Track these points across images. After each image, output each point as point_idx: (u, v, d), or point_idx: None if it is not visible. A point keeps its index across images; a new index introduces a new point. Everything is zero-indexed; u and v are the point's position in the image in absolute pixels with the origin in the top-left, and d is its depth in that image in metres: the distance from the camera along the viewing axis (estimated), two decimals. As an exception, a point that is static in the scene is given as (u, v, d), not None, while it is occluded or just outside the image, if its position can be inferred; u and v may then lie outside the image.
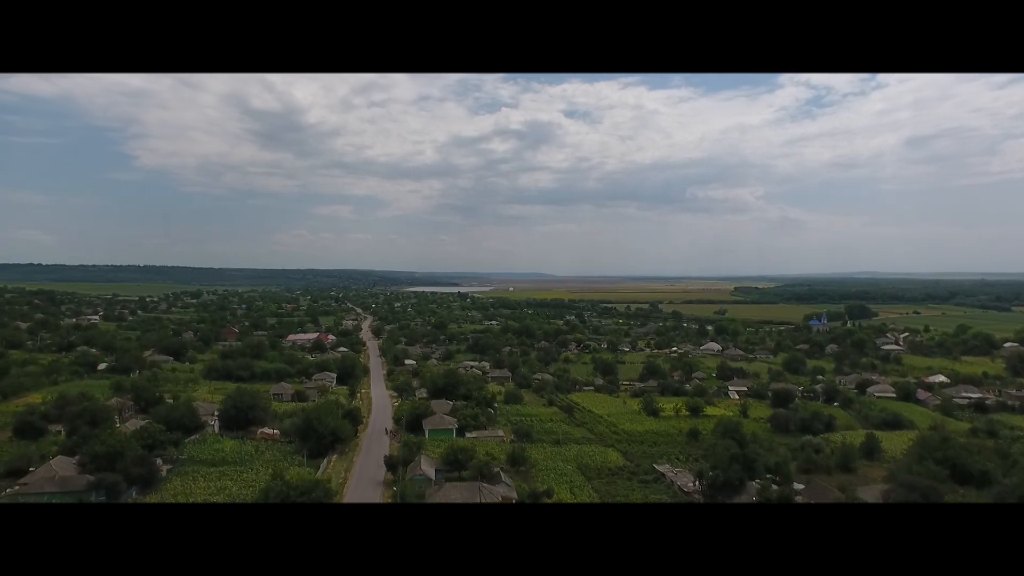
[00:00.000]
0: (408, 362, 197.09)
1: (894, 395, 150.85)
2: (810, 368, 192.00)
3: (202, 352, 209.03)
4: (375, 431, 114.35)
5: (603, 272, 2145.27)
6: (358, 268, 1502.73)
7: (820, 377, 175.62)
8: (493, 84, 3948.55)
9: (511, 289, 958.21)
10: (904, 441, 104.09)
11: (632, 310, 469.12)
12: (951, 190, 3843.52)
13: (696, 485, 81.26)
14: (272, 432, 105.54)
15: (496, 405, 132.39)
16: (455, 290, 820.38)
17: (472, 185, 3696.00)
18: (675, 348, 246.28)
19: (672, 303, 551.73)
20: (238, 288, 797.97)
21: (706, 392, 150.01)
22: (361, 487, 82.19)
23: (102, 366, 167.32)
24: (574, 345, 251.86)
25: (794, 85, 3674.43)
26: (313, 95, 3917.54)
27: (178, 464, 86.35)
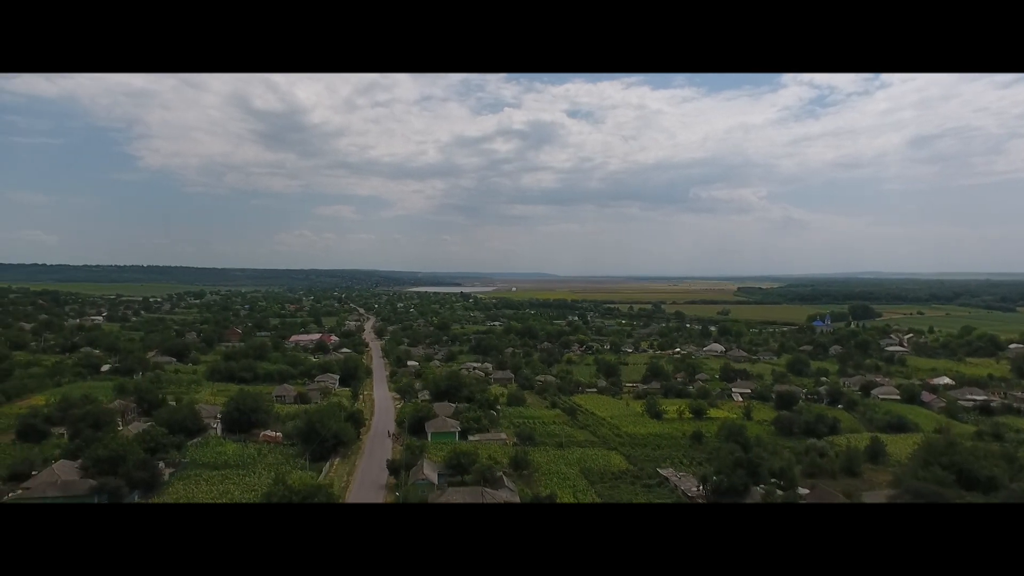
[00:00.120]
0: (411, 363, 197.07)
1: (898, 397, 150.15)
2: (814, 369, 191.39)
3: (205, 353, 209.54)
4: (378, 433, 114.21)
5: (606, 272, 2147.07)
6: (361, 268, 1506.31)
7: (824, 379, 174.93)
8: (496, 84, 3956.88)
9: (514, 289, 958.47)
10: (909, 444, 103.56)
11: (635, 310, 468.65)
12: (955, 190, 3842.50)
13: (700, 490, 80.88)
14: (275, 435, 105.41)
15: (499, 407, 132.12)
16: (458, 290, 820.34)
17: (475, 185, 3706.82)
18: (678, 349, 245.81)
19: (675, 303, 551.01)
20: (241, 288, 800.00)
21: (709, 394, 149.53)
22: (363, 491, 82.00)
23: (105, 367, 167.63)
24: (577, 346, 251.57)
25: (797, 84, 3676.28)
26: (316, 95, 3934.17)
27: (180, 467, 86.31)
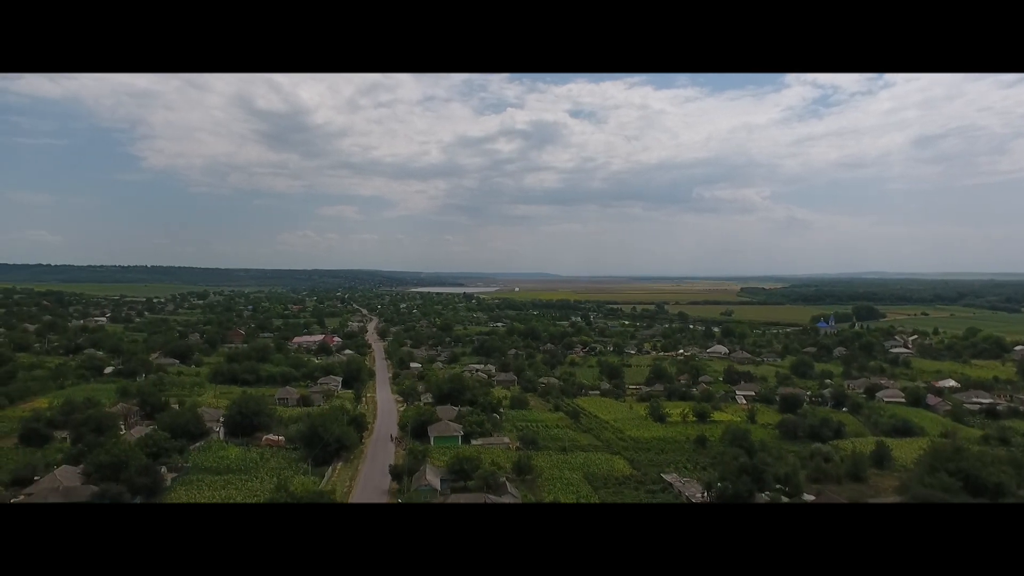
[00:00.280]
0: (414, 365, 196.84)
1: (903, 400, 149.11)
2: (818, 372, 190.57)
3: (208, 355, 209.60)
4: (380, 437, 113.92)
5: (608, 272, 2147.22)
6: (364, 268, 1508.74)
7: (828, 381, 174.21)
8: (499, 84, 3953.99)
9: (516, 289, 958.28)
10: (915, 449, 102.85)
11: (638, 311, 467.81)
12: (959, 189, 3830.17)
13: (704, 496, 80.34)
14: (277, 439, 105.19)
15: (502, 410, 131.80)
16: (460, 291, 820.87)
17: (477, 185, 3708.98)
18: (681, 351, 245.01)
19: (678, 304, 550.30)
20: (244, 289, 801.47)
21: (713, 397, 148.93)
22: (366, 497, 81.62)
23: (108, 369, 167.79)
24: (580, 348, 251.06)
25: (801, 84, 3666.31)
26: (319, 96, 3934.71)
27: (183, 472, 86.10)
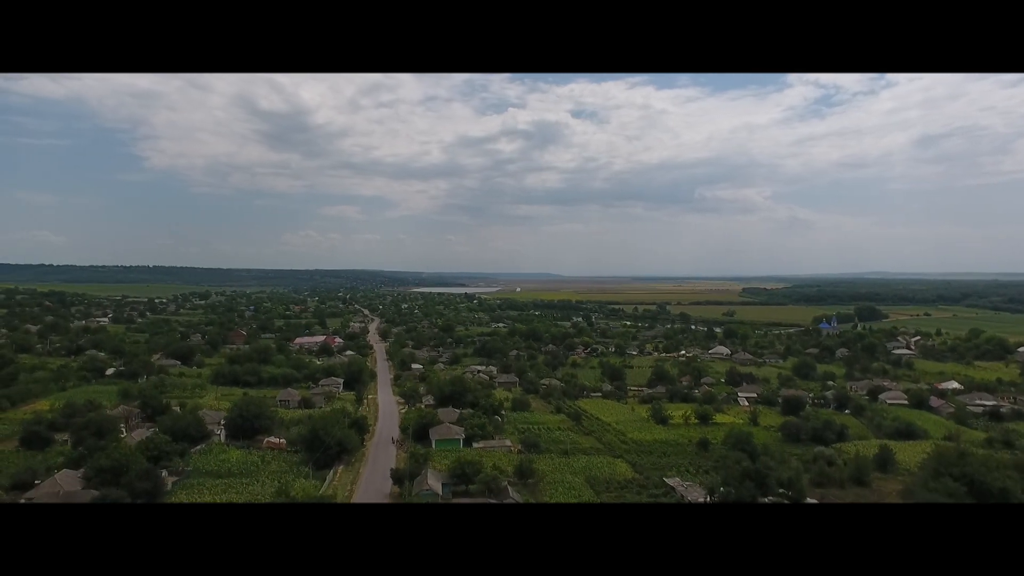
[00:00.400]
0: (415, 366, 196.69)
1: (906, 402, 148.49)
2: (820, 373, 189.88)
3: (210, 356, 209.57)
4: (382, 440, 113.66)
5: (610, 272, 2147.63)
6: (365, 268, 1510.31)
7: (831, 383, 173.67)
8: (500, 84, 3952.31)
9: (518, 290, 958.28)
10: (918, 452, 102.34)
11: (639, 311, 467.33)
12: (961, 189, 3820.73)
13: (707, 501, 79.92)
14: (278, 441, 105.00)
15: (503, 413, 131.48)
16: (462, 291, 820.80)
17: (479, 185, 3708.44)
18: (683, 352, 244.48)
19: (680, 304, 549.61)
20: (246, 289, 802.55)
21: (715, 399, 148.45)
22: (367, 502, 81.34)
23: (110, 371, 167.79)
24: (581, 349, 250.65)
25: (803, 84, 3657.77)
26: (321, 96, 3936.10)
27: (184, 476, 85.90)
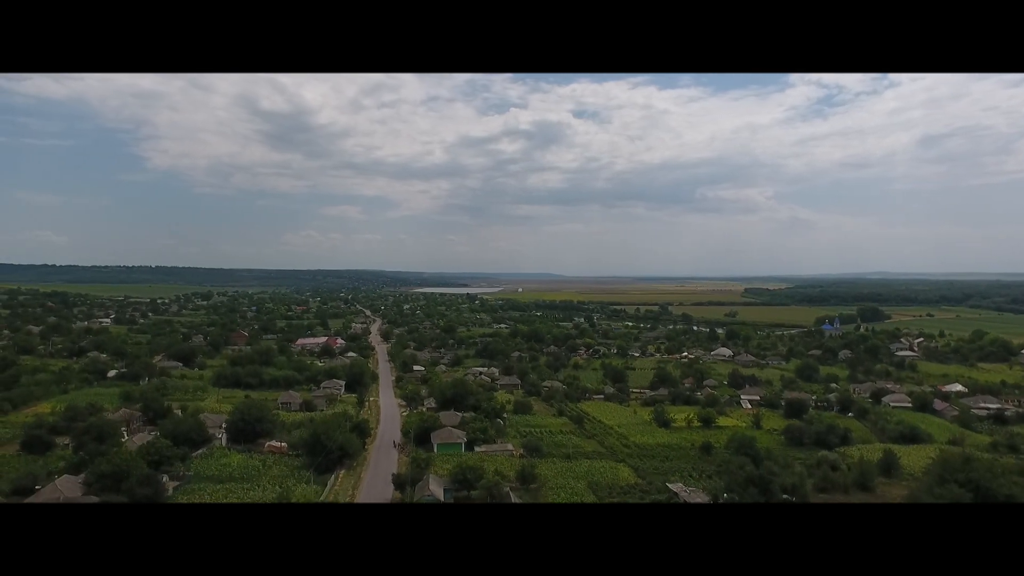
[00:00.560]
0: (417, 368, 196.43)
1: (910, 405, 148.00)
2: (823, 375, 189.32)
3: (212, 357, 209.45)
4: (383, 443, 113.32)
5: (612, 272, 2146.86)
6: (367, 268, 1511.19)
7: (834, 385, 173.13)
8: (502, 84, 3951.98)
9: (520, 290, 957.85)
10: (923, 456, 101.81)
11: (641, 312, 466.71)
12: (964, 189, 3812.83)
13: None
14: (280, 445, 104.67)
15: (505, 416, 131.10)
16: (464, 291, 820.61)
17: (481, 185, 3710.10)
18: (686, 353, 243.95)
19: (682, 304, 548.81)
20: (248, 289, 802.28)
21: (718, 401, 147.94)
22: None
23: (112, 373, 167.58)
24: (583, 350, 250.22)
25: (805, 84, 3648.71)
26: (323, 96, 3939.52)
27: (185, 481, 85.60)
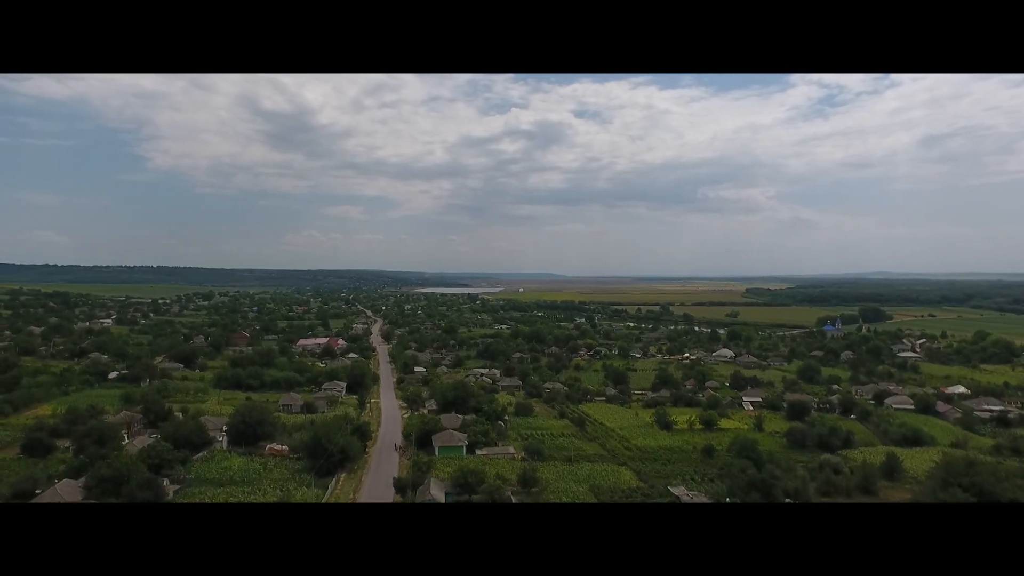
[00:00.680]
0: (418, 369, 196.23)
1: (912, 407, 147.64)
2: (825, 377, 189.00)
3: (213, 358, 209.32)
4: (384, 446, 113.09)
5: (613, 272, 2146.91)
6: (368, 268, 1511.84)
7: (836, 387, 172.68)
8: (503, 84, 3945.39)
9: (521, 290, 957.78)
10: (926, 459, 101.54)
11: (643, 312, 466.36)
12: (966, 189, 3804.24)
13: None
14: (281, 448, 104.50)
15: (506, 418, 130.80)
16: (465, 291, 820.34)
17: (482, 185, 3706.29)
18: (687, 354, 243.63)
19: (683, 305, 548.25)
20: (249, 290, 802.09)
21: (720, 403, 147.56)
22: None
23: (113, 375, 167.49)
24: (585, 351, 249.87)
25: (806, 84, 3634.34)
26: (324, 96, 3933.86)
27: (185, 484, 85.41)
